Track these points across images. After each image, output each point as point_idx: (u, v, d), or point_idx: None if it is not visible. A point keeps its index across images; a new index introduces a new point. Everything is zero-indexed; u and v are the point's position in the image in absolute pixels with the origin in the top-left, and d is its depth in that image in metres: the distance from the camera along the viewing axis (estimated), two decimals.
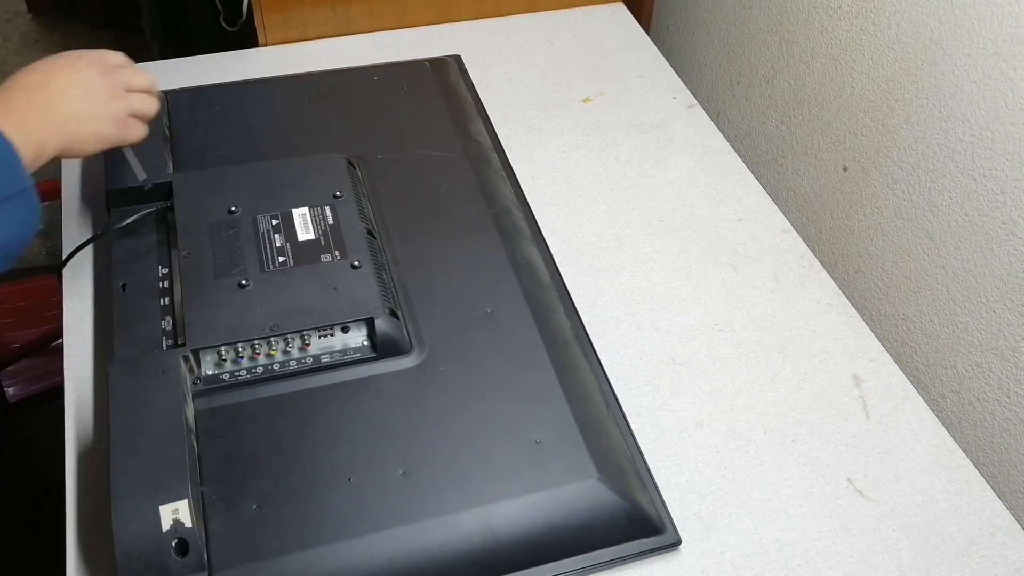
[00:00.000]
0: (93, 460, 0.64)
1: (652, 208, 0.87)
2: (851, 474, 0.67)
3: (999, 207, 0.76)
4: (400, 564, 0.56)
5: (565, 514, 0.59)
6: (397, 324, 0.67)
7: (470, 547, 0.57)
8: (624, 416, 0.68)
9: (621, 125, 0.97)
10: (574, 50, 1.07)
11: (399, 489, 0.59)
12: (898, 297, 0.90)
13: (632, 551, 0.60)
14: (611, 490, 0.60)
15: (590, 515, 0.59)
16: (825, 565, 0.61)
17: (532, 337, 0.69)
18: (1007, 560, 0.62)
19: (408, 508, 0.58)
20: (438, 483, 0.59)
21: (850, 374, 0.74)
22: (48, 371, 1.20)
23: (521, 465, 0.61)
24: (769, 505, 0.65)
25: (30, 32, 2.28)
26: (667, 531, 0.61)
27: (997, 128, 0.75)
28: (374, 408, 0.63)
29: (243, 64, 1.01)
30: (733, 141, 1.03)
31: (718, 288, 0.80)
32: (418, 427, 0.62)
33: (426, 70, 0.96)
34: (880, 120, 0.89)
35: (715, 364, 0.74)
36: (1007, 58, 0.73)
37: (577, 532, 0.59)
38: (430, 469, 0.60)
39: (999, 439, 0.79)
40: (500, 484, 0.59)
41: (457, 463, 0.60)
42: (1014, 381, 0.77)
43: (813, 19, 0.96)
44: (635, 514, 0.61)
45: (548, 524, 0.59)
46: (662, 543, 0.61)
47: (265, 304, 0.66)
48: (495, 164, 0.87)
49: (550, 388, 0.65)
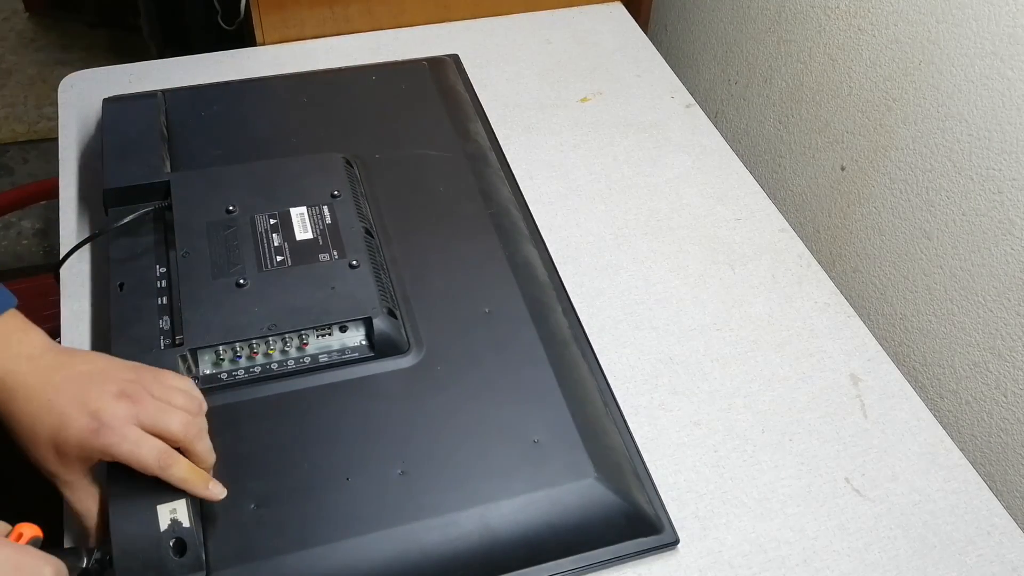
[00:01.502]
0: None
1: (650, 207, 0.87)
2: (848, 473, 0.67)
3: (996, 206, 0.76)
4: (398, 564, 0.56)
5: (563, 513, 0.59)
6: (395, 324, 0.67)
7: (468, 546, 0.57)
8: (622, 415, 0.68)
9: (619, 125, 0.97)
10: (572, 49, 1.07)
11: (397, 489, 0.59)
12: (896, 296, 0.90)
13: (630, 550, 0.60)
14: (609, 489, 0.60)
15: (588, 514, 0.59)
16: (822, 564, 0.62)
17: (530, 336, 0.69)
18: (1004, 559, 0.62)
19: (406, 508, 0.58)
20: (436, 483, 0.59)
21: (848, 373, 0.74)
22: None
23: (519, 464, 0.61)
24: (767, 504, 0.65)
25: (27, 30, 2.28)
26: (665, 530, 0.61)
27: (994, 127, 0.75)
28: (372, 408, 0.63)
29: (241, 63, 1.01)
30: (731, 141, 1.03)
31: (716, 287, 0.80)
32: (416, 427, 0.62)
33: (424, 69, 0.96)
34: (878, 120, 0.89)
35: (713, 363, 0.74)
36: (1004, 58, 0.73)
37: (575, 531, 0.59)
38: (428, 469, 0.60)
39: (996, 438, 0.79)
40: (498, 483, 0.59)
41: (455, 463, 0.60)
42: (1011, 380, 0.77)
43: (811, 19, 0.96)
44: (633, 513, 0.61)
45: (546, 523, 0.59)
46: (660, 542, 0.61)
47: (263, 303, 0.66)
48: (493, 164, 0.87)
49: (548, 388, 0.65)
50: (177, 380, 0.57)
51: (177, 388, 0.56)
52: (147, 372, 0.57)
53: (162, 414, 0.53)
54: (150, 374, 0.56)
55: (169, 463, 0.53)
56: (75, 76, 0.98)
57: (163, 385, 0.56)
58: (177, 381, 0.57)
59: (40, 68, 2.17)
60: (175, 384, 0.56)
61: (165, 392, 0.55)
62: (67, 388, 0.53)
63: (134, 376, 0.55)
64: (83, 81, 0.97)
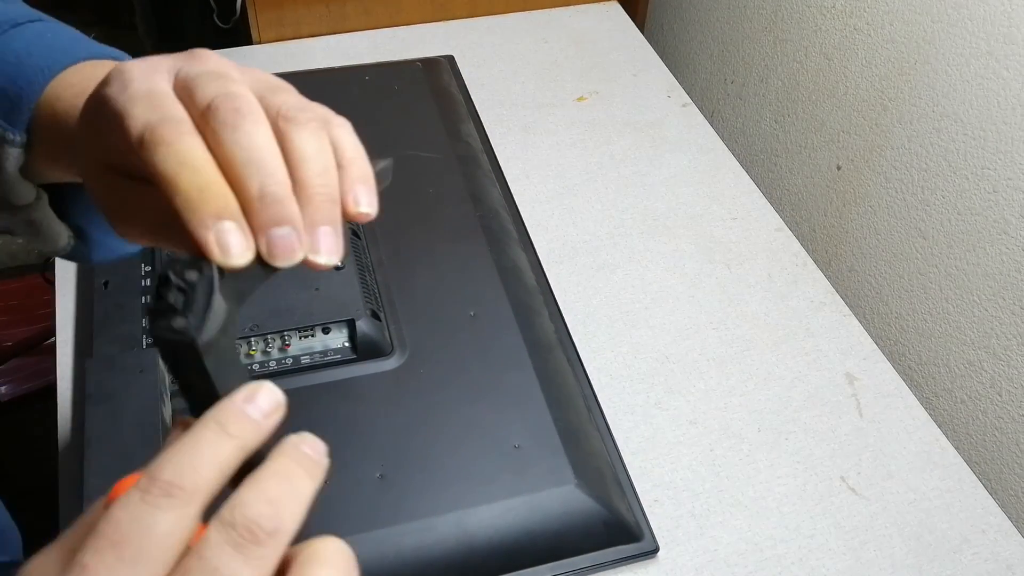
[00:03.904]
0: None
1: (646, 207, 0.87)
2: (844, 472, 0.67)
3: (991, 206, 0.76)
4: (374, 568, 0.55)
5: (542, 520, 0.59)
6: (378, 326, 0.67)
7: (445, 552, 0.57)
8: (606, 421, 0.68)
9: (615, 124, 0.97)
10: (568, 49, 1.07)
11: (375, 492, 0.58)
12: (891, 295, 0.90)
13: (609, 558, 0.60)
14: (589, 496, 0.60)
15: (567, 521, 0.59)
16: (818, 562, 0.62)
17: (515, 341, 0.68)
18: (998, 557, 0.63)
19: (383, 511, 0.57)
20: (415, 486, 0.59)
21: (843, 372, 0.74)
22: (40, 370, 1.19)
23: (499, 470, 0.60)
24: (763, 503, 0.65)
25: None
26: (645, 538, 0.61)
27: (989, 127, 0.75)
28: (353, 410, 0.63)
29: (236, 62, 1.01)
30: (727, 140, 1.03)
31: (712, 286, 0.80)
32: (397, 430, 0.62)
33: (418, 70, 0.96)
34: (873, 119, 0.89)
35: (709, 362, 0.74)
36: (999, 57, 0.73)
37: (554, 538, 0.59)
38: (407, 472, 0.59)
39: (991, 437, 0.80)
40: (477, 488, 0.59)
41: (435, 467, 0.60)
42: (1006, 379, 0.77)
43: (807, 18, 0.96)
44: (612, 521, 0.60)
45: (525, 529, 0.58)
46: (639, 550, 0.60)
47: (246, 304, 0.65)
48: (484, 166, 0.87)
49: (531, 393, 0.65)
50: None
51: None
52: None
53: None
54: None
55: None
56: None
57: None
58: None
59: None
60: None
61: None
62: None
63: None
64: None
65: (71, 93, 0.38)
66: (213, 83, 0.30)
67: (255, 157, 0.28)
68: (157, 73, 0.31)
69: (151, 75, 0.31)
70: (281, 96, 0.32)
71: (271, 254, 0.28)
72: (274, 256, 0.28)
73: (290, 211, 0.28)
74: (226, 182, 0.27)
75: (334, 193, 0.30)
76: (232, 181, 0.28)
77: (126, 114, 0.29)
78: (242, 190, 0.28)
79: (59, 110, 0.38)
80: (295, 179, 0.29)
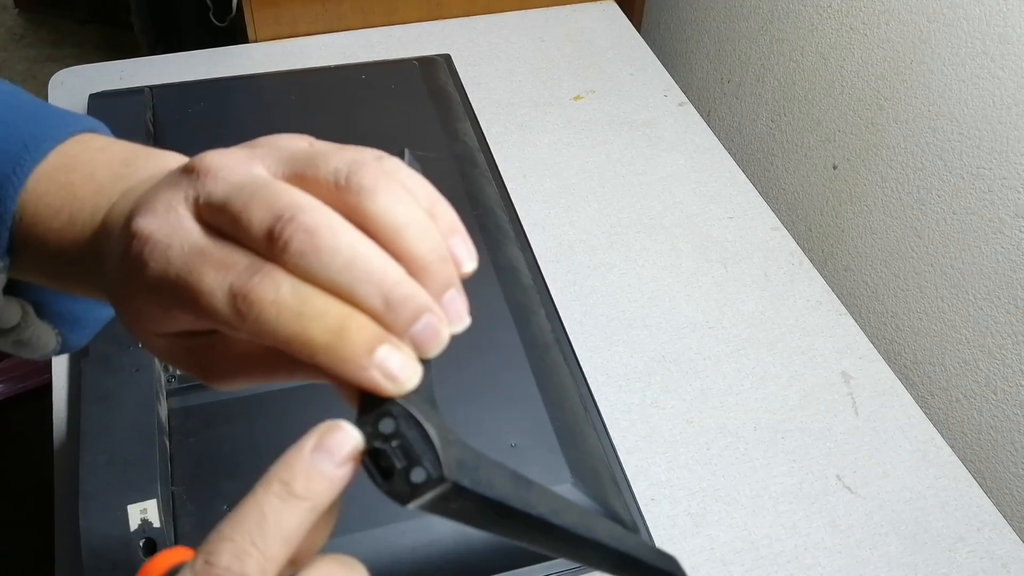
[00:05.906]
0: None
1: (643, 206, 0.87)
2: (840, 470, 0.67)
3: (987, 205, 0.76)
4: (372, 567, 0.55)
5: None
6: None
7: (442, 551, 0.57)
8: (602, 420, 0.68)
9: (612, 123, 0.97)
10: (565, 48, 1.07)
11: (372, 491, 0.58)
12: (887, 295, 0.90)
13: None
14: (585, 495, 0.60)
15: None
16: (814, 561, 0.62)
17: (511, 340, 0.68)
18: (993, 555, 0.63)
19: (380, 510, 0.57)
20: None
21: (839, 371, 0.74)
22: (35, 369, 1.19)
23: None
24: (759, 501, 0.65)
25: (16, 27, 2.27)
26: (641, 536, 0.61)
27: (985, 127, 0.75)
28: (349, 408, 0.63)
29: (232, 60, 1.01)
30: (723, 139, 1.03)
31: (708, 286, 0.80)
32: None
33: (415, 69, 0.95)
34: (869, 118, 0.89)
35: (705, 361, 0.74)
36: (995, 57, 0.73)
37: None
38: None
39: (986, 435, 0.80)
40: None
41: None
42: (1001, 378, 0.77)
43: (803, 18, 0.97)
44: (609, 519, 0.60)
45: None
46: None
47: None
48: (481, 165, 0.87)
49: (528, 392, 0.65)
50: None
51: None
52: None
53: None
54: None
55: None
56: (65, 73, 0.98)
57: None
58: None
59: (30, 65, 2.16)
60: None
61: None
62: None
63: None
64: (73, 77, 0.97)
65: (56, 187, 0.32)
66: (256, 208, 0.25)
67: (358, 270, 0.24)
68: (184, 219, 0.26)
69: (182, 224, 0.26)
70: (320, 165, 0.26)
71: (423, 351, 0.26)
72: (427, 351, 0.26)
73: (420, 301, 0.25)
74: (344, 302, 0.24)
75: (444, 251, 0.27)
76: (347, 301, 0.24)
77: (195, 287, 0.25)
78: (366, 309, 0.25)
79: (43, 214, 0.32)
80: (399, 254, 0.25)
